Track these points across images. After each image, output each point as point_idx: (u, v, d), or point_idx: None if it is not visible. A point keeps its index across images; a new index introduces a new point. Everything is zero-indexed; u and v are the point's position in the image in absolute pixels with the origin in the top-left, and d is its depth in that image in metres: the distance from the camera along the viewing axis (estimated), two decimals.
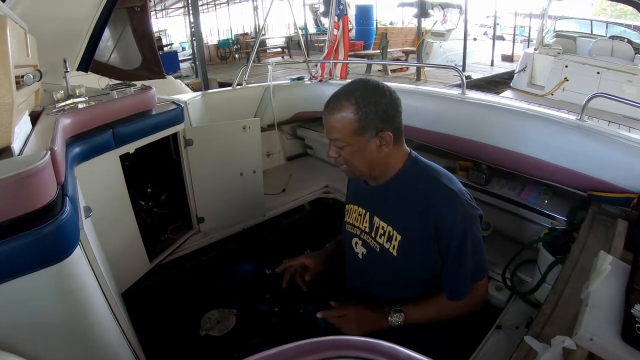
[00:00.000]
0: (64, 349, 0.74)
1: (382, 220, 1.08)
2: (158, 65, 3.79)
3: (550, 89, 6.07)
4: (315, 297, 1.47)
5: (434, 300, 1.07)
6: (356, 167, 1.04)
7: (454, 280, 1.03)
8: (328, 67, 2.69)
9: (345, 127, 0.98)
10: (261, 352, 0.38)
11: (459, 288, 1.03)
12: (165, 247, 1.54)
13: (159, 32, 14.46)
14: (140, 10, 3.44)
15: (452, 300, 1.05)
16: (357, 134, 0.98)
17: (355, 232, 1.16)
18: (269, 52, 12.49)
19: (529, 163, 1.45)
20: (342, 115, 0.98)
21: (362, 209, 1.15)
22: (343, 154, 1.02)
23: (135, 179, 1.41)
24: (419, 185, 1.03)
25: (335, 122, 0.99)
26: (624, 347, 0.67)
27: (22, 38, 0.95)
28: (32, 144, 0.85)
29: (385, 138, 0.99)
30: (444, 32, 10.34)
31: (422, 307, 1.06)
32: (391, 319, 1.04)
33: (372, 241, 1.11)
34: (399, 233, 1.04)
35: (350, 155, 1.01)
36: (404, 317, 1.04)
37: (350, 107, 0.97)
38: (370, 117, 0.96)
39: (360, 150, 1.00)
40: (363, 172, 1.05)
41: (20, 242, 0.62)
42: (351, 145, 0.99)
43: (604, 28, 7.86)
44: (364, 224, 1.13)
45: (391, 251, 1.05)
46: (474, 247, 1.00)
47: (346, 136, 0.98)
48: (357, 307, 1.06)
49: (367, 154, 1.01)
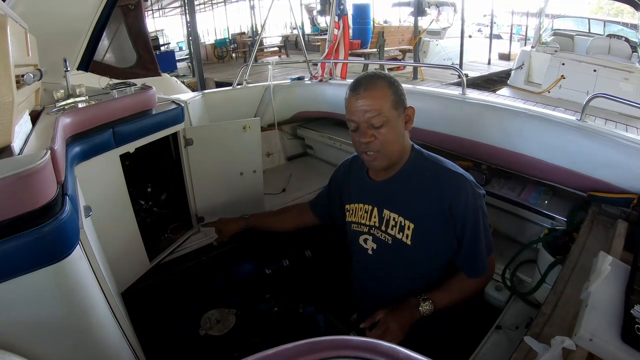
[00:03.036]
0: (63, 349, 0.74)
1: (392, 212, 1.10)
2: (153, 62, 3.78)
3: (547, 87, 6.09)
4: (316, 297, 1.47)
5: (455, 280, 1.10)
6: (390, 146, 1.05)
7: (473, 257, 1.07)
8: (328, 66, 2.69)
9: (385, 101, 1.01)
10: (261, 352, 0.38)
11: (480, 264, 1.08)
12: (165, 247, 1.54)
13: (156, 31, 14.43)
14: (134, 8, 3.44)
15: (473, 277, 1.09)
16: (393, 107, 1.02)
17: (363, 229, 1.17)
18: (265, 51, 12.47)
19: (529, 163, 1.45)
20: (380, 89, 1.02)
21: (368, 206, 1.16)
22: (379, 134, 1.03)
23: (135, 179, 1.41)
24: (426, 173, 1.07)
25: (375, 97, 1.01)
26: (624, 348, 0.67)
27: (23, 37, 0.95)
28: (32, 143, 0.84)
29: (409, 114, 1.05)
30: (439, 31, 10.36)
31: (447, 290, 1.09)
32: (422, 309, 1.05)
33: (382, 234, 1.12)
34: (412, 222, 1.06)
35: (388, 134, 1.03)
36: (433, 304, 1.06)
37: (384, 83, 1.02)
38: (399, 92, 1.03)
39: (396, 127, 1.04)
40: (394, 153, 1.07)
41: (20, 242, 0.61)
42: (389, 121, 1.02)
43: (601, 26, 7.88)
44: (373, 219, 1.14)
45: (405, 241, 1.08)
46: (484, 224, 1.05)
47: (386, 110, 1.01)
48: (388, 312, 1.05)
49: (400, 130, 1.06)
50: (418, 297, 1.07)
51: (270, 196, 1.99)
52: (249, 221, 1.48)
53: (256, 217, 1.50)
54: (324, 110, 2.31)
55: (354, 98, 1.03)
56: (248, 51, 12.69)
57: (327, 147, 2.37)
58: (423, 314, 1.05)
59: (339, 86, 2.30)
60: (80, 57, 1.47)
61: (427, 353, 0.39)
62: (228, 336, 1.30)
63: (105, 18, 1.43)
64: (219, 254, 1.72)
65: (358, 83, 1.04)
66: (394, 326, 1.02)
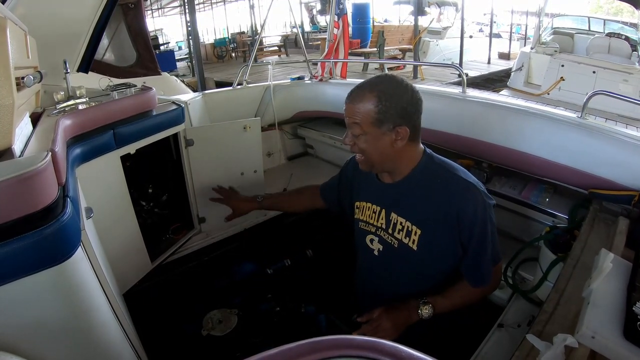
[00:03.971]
0: (65, 350, 0.74)
1: (399, 216, 1.09)
2: (153, 61, 3.77)
3: (546, 88, 6.08)
4: (317, 297, 1.47)
5: (458, 287, 1.10)
6: (369, 157, 1.06)
7: (478, 267, 1.06)
8: (328, 66, 2.68)
9: (365, 117, 1.01)
10: (263, 352, 0.38)
11: (484, 274, 1.07)
12: (166, 248, 1.54)
13: (156, 31, 14.43)
14: (134, 7, 3.42)
15: (477, 286, 1.08)
16: (374, 125, 1.01)
17: (370, 229, 1.17)
18: (265, 50, 12.46)
19: (530, 161, 1.45)
20: (363, 105, 1.01)
21: (376, 206, 1.16)
22: (358, 142, 1.05)
23: (136, 180, 1.41)
24: (436, 180, 1.06)
25: (356, 110, 1.02)
26: (626, 345, 0.67)
27: (23, 39, 0.95)
28: (32, 145, 0.85)
29: (401, 133, 1.02)
30: (440, 30, 10.32)
31: (449, 296, 1.09)
32: (421, 312, 1.06)
33: (389, 237, 1.12)
34: (419, 227, 1.06)
35: (365, 144, 1.04)
36: (433, 308, 1.06)
37: (372, 99, 1.00)
38: (390, 111, 1.00)
39: (375, 141, 1.03)
40: (375, 163, 1.08)
41: (21, 244, 0.62)
42: (367, 135, 1.02)
43: (601, 25, 7.85)
44: (380, 220, 1.14)
45: (411, 246, 1.07)
46: (492, 234, 1.04)
47: (364, 125, 1.01)
48: (386, 312, 1.06)
49: (380, 145, 1.03)
50: (419, 300, 1.07)
51: None
52: (262, 203, 1.48)
53: (269, 199, 1.51)
54: (325, 110, 2.31)
55: (345, 102, 1.06)
56: (247, 50, 12.68)
57: (328, 147, 2.37)
58: (421, 317, 1.06)
59: (339, 85, 2.30)
60: (80, 58, 1.47)
61: (429, 351, 0.39)
62: (230, 336, 1.30)
63: (105, 19, 1.43)
64: (221, 254, 1.72)
65: (350, 92, 1.05)
66: (387, 324, 1.03)
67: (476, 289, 1.08)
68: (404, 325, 1.05)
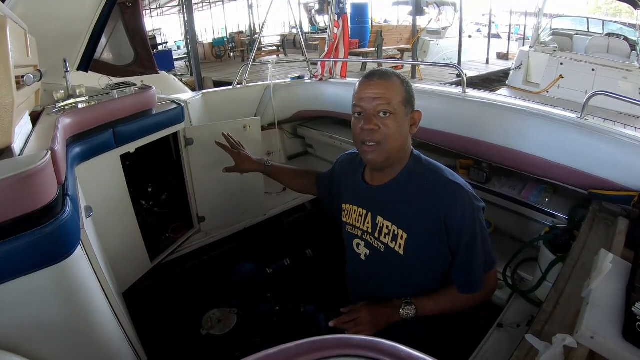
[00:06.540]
0: (65, 349, 0.74)
1: (386, 219, 1.07)
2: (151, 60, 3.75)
3: (545, 87, 6.07)
4: (317, 297, 1.47)
5: (446, 291, 1.07)
6: (392, 140, 1.00)
7: (467, 273, 1.03)
8: (328, 65, 2.68)
9: (397, 94, 0.99)
10: (262, 351, 0.38)
11: (473, 281, 1.03)
12: (166, 247, 1.54)
13: (154, 30, 14.40)
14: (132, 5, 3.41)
15: (465, 293, 1.05)
16: (403, 104, 1.00)
17: (357, 233, 1.14)
18: (264, 50, 12.44)
19: (529, 161, 1.45)
20: (393, 82, 1.00)
21: (362, 210, 1.13)
22: (384, 125, 0.99)
23: (136, 179, 1.41)
24: (423, 182, 1.03)
25: (388, 87, 0.99)
26: (625, 345, 0.67)
27: (22, 38, 0.95)
28: (32, 144, 0.84)
29: (415, 118, 1.03)
30: (439, 30, 10.32)
31: (435, 299, 1.06)
32: (402, 312, 1.03)
33: (375, 241, 1.09)
34: (405, 231, 1.03)
35: (392, 126, 0.99)
36: (415, 309, 1.04)
37: (398, 79, 1.01)
38: (411, 92, 1.01)
39: (401, 123, 1.01)
40: (394, 150, 1.02)
41: (21, 242, 0.62)
42: (396, 115, 0.99)
43: (600, 26, 7.86)
44: (366, 224, 1.11)
45: (397, 250, 1.04)
46: (483, 239, 1.01)
47: (396, 103, 0.99)
48: (367, 306, 1.06)
49: (404, 129, 1.02)
50: (402, 300, 1.06)
51: (270, 195, 1.99)
52: (267, 169, 1.44)
53: (274, 170, 1.45)
54: (325, 109, 2.32)
55: (367, 84, 1.01)
56: (246, 50, 12.66)
57: (328, 146, 2.37)
58: (403, 317, 1.04)
59: (339, 85, 2.30)
60: (80, 57, 1.47)
61: (429, 351, 0.39)
62: (229, 336, 1.30)
63: (105, 18, 1.43)
64: (220, 254, 1.72)
65: (373, 73, 1.02)
66: (365, 318, 1.02)
67: (467, 295, 1.05)
68: (384, 322, 1.03)
